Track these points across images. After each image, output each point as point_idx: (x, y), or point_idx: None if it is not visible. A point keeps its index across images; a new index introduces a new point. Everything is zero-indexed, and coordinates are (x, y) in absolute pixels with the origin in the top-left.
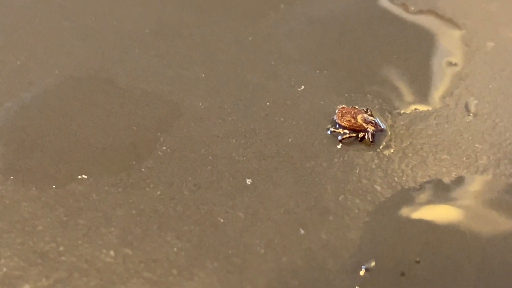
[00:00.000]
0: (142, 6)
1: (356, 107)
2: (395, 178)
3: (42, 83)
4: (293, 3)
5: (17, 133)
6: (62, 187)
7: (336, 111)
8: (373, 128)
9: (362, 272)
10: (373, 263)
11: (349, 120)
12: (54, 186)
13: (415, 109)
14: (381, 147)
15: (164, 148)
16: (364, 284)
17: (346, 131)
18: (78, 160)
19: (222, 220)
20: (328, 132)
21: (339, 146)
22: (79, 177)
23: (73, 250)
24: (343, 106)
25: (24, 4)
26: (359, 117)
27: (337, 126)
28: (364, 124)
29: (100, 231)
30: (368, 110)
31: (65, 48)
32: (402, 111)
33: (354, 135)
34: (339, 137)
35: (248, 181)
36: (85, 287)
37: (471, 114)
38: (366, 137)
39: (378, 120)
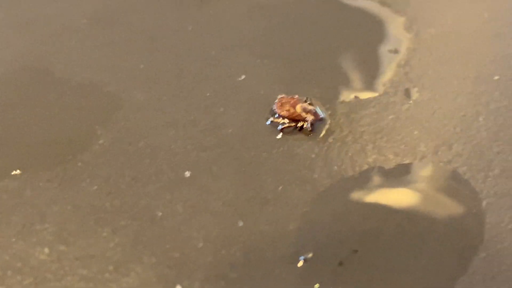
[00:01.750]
0: None
1: (296, 96)
2: (335, 167)
3: None
4: None
5: None
6: None
7: (276, 100)
8: (312, 117)
9: (300, 263)
10: (310, 254)
11: (288, 110)
12: None
13: (355, 97)
14: (320, 136)
15: (102, 141)
16: (302, 275)
17: (285, 120)
18: (12, 155)
19: (160, 214)
20: (268, 122)
21: (279, 136)
22: (13, 172)
23: (7, 248)
24: (283, 95)
25: None
26: (298, 107)
27: (277, 115)
28: (303, 114)
29: (34, 228)
30: (308, 99)
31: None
32: (342, 100)
33: (293, 124)
34: (279, 127)
35: (187, 174)
36: (19, 285)
37: (411, 101)
38: (305, 126)
39: (317, 109)
